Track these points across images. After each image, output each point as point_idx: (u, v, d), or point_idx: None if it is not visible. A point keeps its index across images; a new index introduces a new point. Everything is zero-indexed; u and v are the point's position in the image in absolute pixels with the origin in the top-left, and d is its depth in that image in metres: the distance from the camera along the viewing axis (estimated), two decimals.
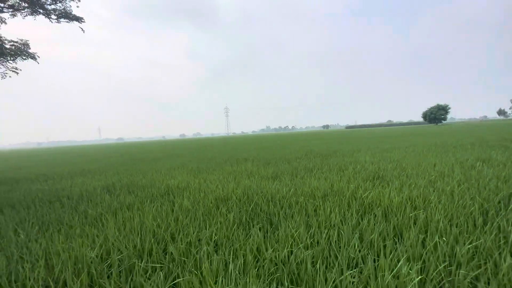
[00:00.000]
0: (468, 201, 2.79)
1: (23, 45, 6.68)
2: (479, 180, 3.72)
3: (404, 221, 2.40)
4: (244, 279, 1.66)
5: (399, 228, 2.33)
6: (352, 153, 9.02)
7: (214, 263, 1.81)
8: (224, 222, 2.69)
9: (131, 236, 2.40)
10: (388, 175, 4.60)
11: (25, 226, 2.89)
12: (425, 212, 2.59)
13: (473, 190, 3.24)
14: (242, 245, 2.15)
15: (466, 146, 9.05)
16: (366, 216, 2.60)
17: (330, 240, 2.17)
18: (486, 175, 4.02)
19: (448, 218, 2.45)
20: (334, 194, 3.52)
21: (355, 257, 1.88)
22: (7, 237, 2.53)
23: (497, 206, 2.70)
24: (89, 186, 5.23)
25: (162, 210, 3.23)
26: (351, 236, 2.17)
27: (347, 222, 2.45)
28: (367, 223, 2.39)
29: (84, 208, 3.54)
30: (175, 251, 2.06)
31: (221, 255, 1.97)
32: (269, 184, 4.41)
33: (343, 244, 2.05)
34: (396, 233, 2.29)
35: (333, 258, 1.89)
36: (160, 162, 9.89)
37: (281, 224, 2.53)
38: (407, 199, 3.04)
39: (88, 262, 1.97)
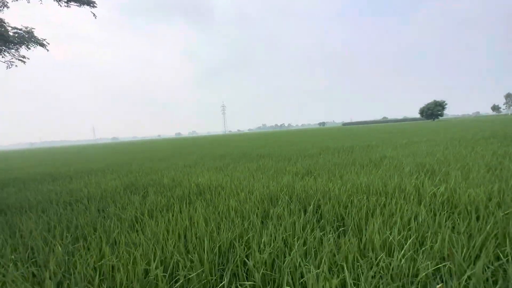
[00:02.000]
0: None
1: (27, 33, 6.10)
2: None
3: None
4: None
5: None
6: (371, 148, 8.70)
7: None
8: (295, 224, 2.30)
9: (189, 244, 2.00)
10: (437, 168, 4.26)
11: (55, 234, 2.46)
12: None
13: None
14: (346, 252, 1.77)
15: (488, 139, 8.79)
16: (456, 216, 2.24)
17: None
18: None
19: None
20: (399, 191, 3.16)
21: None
22: (40, 250, 2.09)
23: None
24: (107, 186, 4.78)
25: (209, 212, 2.83)
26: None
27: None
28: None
29: (114, 211, 3.11)
30: (260, 265, 1.67)
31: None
32: (310, 181, 4.02)
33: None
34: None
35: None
36: (171, 161, 9.43)
37: (367, 227, 2.15)
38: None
39: (153, 281, 1.57)
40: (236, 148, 13.50)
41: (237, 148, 13.83)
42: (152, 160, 10.41)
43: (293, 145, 12.92)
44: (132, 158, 12.06)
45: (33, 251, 2.15)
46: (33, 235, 2.42)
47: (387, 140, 12.12)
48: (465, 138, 10.13)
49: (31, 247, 2.20)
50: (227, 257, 1.93)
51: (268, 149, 11.50)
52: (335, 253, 1.82)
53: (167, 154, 13.44)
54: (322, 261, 1.68)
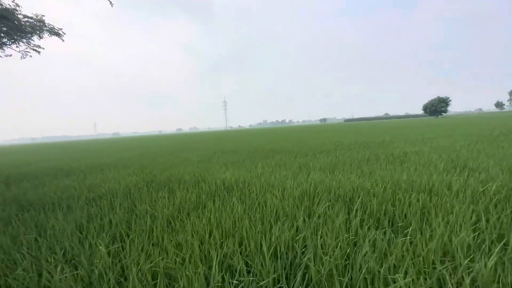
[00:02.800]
0: None
1: (37, 21, 5.83)
2: None
3: None
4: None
5: None
6: (387, 144, 8.50)
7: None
8: (347, 223, 2.12)
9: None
10: (471, 165, 4.07)
11: (88, 233, 2.29)
12: None
13: None
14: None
15: (508, 136, 8.57)
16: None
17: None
18: None
19: None
20: (447, 189, 2.97)
21: None
22: (81, 251, 1.92)
23: None
24: (127, 182, 4.62)
25: (249, 210, 2.66)
26: None
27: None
28: None
29: (145, 208, 2.94)
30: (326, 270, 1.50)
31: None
32: (340, 177, 3.84)
33: None
34: None
35: None
36: (182, 155, 9.26)
37: (429, 226, 1.96)
38: None
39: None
40: (244, 144, 13.31)
41: (245, 143, 13.64)
42: (162, 155, 10.24)
43: (302, 141, 12.72)
44: (140, 153, 11.90)
45: (67, 252, 1.98)
46: (66, 233, 2.26)
47: (399, 136, 11.90)
48: (482, 134, 9.90)
49: (66, 248, 2.03)
50: (289, 260, 1.75)
51: (278, 144, 11.31)
52: (412, 257, 1.64)
53: (174, 149, 13.27)
54: (404, 266, 1.51)
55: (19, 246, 2.16)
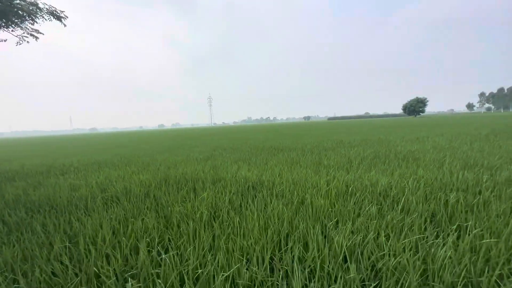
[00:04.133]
0: None
1: (30, 4, 5.17)
2: None
3: None
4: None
5: None
6: (386, 142, 8.68)
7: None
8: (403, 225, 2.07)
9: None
10: (485, 162, 4.21)
11: (131, 238, 2.07)
12: None
13: None
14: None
15: (497, 135, 9.07)
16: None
17: None
18: None
19: None
20: (484, 188, 3.02)
21: None
22: (129, 259, 1.71)
23: None
24: (137, 180, 4.32)
25: (292, 209, 2.54)
26: None
27: None
28: None
29: (179, 210, 2.73)
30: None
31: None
32: (365, 175, 3.81)
33: None
34: None
35: None
36: (181, 152, 8.93)
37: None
38: None
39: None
40: (240, 141, 13.11)
41: (241, 140, 13.44)
42: (159, 152, 9.82)
43: (298, 138, 12.77)
44: (133, 150, 11.35)
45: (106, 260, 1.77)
46: (102, 239, 2.02)
47: (393, 134, 12.25)
48: (471, 133, 10.41)
49: (107, 255, 1.81)
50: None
51: (276, 142, 11.24)
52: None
53: (168, 145, 12.80)
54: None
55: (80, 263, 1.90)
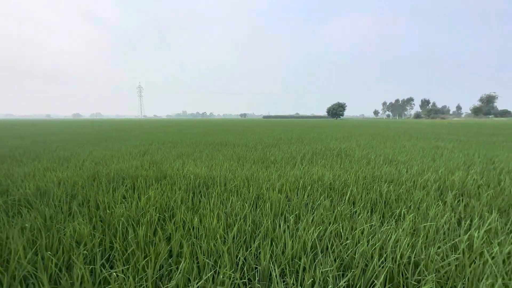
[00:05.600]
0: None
1: None
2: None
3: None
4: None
5: None
6: (321, 141, 9.58)
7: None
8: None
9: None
10: (398, 158, 5.09)
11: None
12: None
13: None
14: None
15: (412, 137, 11.16)
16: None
17: None
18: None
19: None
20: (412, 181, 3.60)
21: None
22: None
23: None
24: (64, 179, 3.49)
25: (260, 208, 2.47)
26: None
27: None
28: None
29: (114, 211, 2.30)
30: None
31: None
32: (306, 169, 4.08)
33: None
34: None
35: None
36: (110, 146, 7.73)
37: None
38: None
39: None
40: (179, 135, 12.29)
41: (180, 134, 12.62)
42: (80, 145, 8.25)
43: (240, 134, 12.82)
44: (39, 142, 9.20)
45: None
46: (14, 258, 1.51)
47: (321, 133, 13.63)
48: (381, 134, 12.50)
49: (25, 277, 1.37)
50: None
51: (218, 137, 11.00)
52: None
53: (91, 138, 10.92)
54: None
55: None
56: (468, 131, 15.84)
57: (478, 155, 5.65)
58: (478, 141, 9.23)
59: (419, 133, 13.80)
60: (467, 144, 8.08)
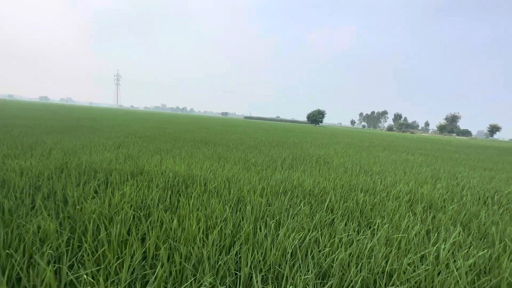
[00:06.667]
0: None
1: None
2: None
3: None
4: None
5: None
6: (301, 146, 9.76)
7: None
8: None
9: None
10: (373, 168, 5.34)
11: None
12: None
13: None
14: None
15: (374, 147, 11.71)
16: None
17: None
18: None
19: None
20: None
21: None
22: None
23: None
24: (27, 169, 3.18)
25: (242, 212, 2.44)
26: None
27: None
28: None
29: (84, 207, 2.14)
30: None
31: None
32: (287, 174, 4.13)
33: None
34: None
35: None
36: (81, 135, 7.24)
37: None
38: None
39: None
40: (156, 129, 11.86)
41: (157, 129, 12.19)
42: (46, 132, 7.63)
43: (221, 133, 12.68)
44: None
45: None
46: None
47: (301, 138, 13.91)
48: (357, 144, 13.04)
49: None
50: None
51: (198, 134, 10.79)
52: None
53: (59, 125, 10.16)
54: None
55: None
56: (434, 146, 17.05)
57: (443, 171, 6.09)
58: (443, 156, 9.97)
59: (391, 145, 14.60)
60: (434, 159, 8.70)
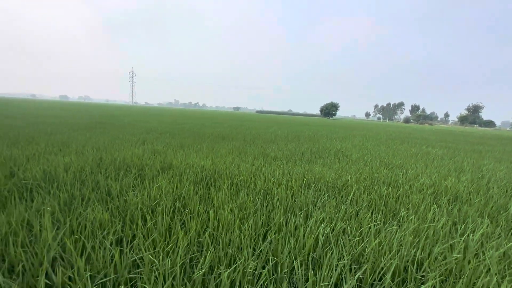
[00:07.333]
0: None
1: None
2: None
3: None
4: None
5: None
6: (317, 140, 9.76)
7: None
8: None
9: None
10: (394, 161, 5.31)
11: None
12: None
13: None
14: None
15: (392, 139, 11.50)
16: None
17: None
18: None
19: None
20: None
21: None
22: None
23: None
24: (69, 164, 3.47)
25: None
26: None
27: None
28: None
29: (128, 199, 2.34)
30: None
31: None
32: (307, 167, 4.21)
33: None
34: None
35: None
36: (107, 132, 7.62)
37: None
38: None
39: None
40: (174, 125, 12.20)
41: (175, 124, 12.53)
42: (74, 129, 8.08)
43: (235, 128, 12.85)
44: (30, 123, 8.95)
45: None
46: (41, 238, 1.56)
47: (316, 132, 13.84)
48: (374, 137, 12.83)
49: (55, 259, 1.42)
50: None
51: (214, 129, 11.00)
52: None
53: (85, 123, 10.69)
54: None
55: None
56: (455, 138, 16.46)
57: (467, 163, 5.95)
58: (465, 148, 9.66)
59: (409, 137, 14.24)
60: (456, 151, 8.46)
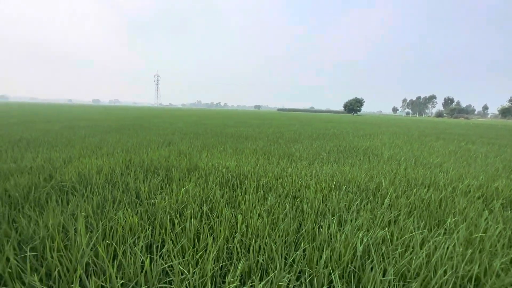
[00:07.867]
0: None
1: None
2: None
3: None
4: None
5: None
6: (343, 138, 9.38)
7: None
8: None
9: None
10: (430, 160, 4.89)
11: None
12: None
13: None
14: None
15: (426, 136, 10.73)
16: None
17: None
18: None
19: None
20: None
21: None
22: None
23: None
24: (100, 166, 3.62)
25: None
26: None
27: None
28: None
29: (157, 203, 2.34)
30: None
31: None
32: (336, 167, 3.99)
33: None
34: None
35: None
36: (132, 134, 7.93)
37: None
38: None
39: None
40: (197, 125, 12.43)
41: (198, 125, 12.75)
42: (105, 131, 8.53)
43: (258, 127, 12.77)
44: (67, 126, 9.59)
45: None
46: (74, 243, 1.57)
47: (341, 129, 13.33)
48: (405, 133, 12.07)
49: (88, 265, 1.41)
50: None
51: (236, 129, 11.01)
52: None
53: (115, 125, 11.26)
54: None
55: None
56: (498, 133, 14.98)
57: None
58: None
59: (445, 133, 13.21)
60: (501, 148, 7.64)
